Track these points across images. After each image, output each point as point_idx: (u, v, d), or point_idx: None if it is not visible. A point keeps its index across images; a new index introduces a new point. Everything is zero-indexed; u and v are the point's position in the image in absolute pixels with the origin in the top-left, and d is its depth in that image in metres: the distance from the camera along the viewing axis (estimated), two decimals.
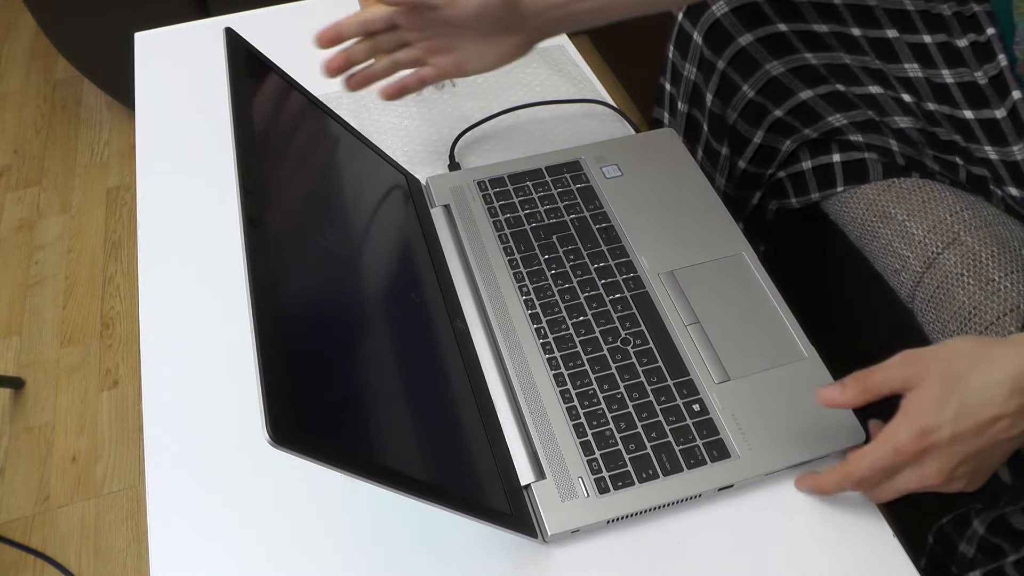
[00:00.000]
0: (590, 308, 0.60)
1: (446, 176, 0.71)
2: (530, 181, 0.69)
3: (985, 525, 0.58)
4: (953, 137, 0.71)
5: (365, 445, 0.43)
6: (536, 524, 0.51)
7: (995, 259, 0.67)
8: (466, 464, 0.50)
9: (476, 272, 0.63)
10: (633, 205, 0.67)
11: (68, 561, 1.23)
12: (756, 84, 0.75)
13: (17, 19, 2.22)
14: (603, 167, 0.70)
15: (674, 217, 0.66)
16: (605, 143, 0.72)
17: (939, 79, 0.69)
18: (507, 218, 0.66)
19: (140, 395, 0.60)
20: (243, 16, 0.94)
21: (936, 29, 0.69)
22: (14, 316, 1.57)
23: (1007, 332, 0.64)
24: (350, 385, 0.45)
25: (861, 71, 0.73)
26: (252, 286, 0.40)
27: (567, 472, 0.52)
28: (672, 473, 0.52)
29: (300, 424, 0.39)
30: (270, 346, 0.39)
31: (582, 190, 0.68)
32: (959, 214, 0.71)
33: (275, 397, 0.37)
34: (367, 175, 0.62)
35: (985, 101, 0.68)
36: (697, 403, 0.55)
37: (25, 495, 1.31)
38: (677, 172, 0.69)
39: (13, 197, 1.80)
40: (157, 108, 0.82)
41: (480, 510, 0.46)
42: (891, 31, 0.71)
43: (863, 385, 0.48)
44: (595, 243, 0.64)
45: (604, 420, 0.54)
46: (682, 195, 0.68)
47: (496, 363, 0.58)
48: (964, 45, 0.68)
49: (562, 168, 0.70)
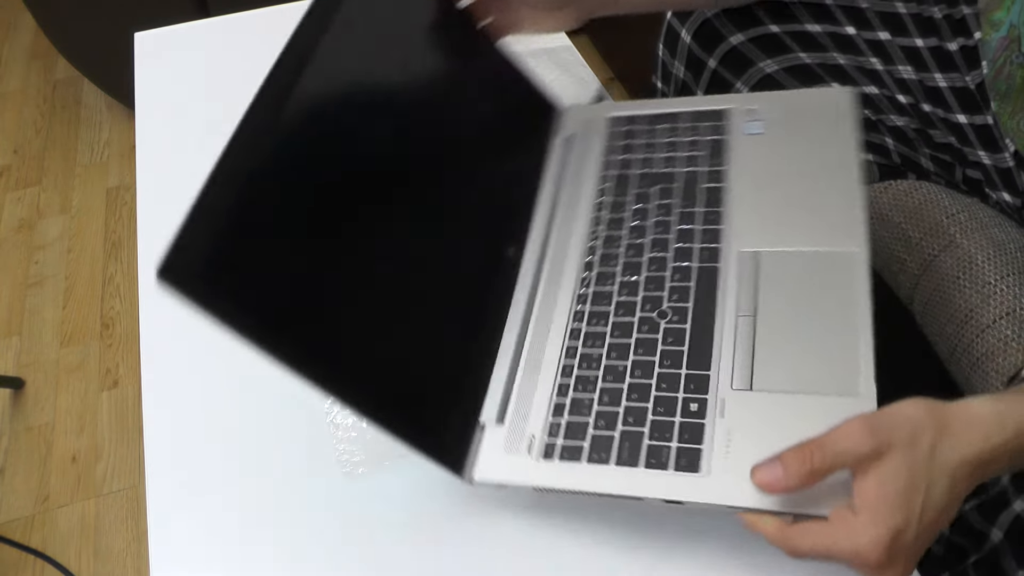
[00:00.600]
0: (648, 269, 0.55)
1: (583, 108, 0.67)
2: (666, 124, 0.63)
3: (950, 526, 0.58)
4: (948, 139, 0.71)
5: (285, 313, 0.42)
6: (467, 465, 0.49)
7: (991, 262, 0.67)
8: (423, 381, 0.48)
9: (559, 208, 0.60)
10: (758, 169, 0.58)
11: (68, 561, 1.23)
12: (749, 81, 0.75)
13: (17, 19, 2.23)
14: (748, 122, 0.61)
15: (797, 192, 0.56)
16: (767, 95, 0.63)
17: (932, 83, 0.69)
18: (620, 159, 0.62)
19: (140, 395, 0.60)
20: (243, 16, 0.94)
21: (928, 33, 0.69)
22: (14, 316, 1.57)
23: (1003, 335, 0.64)
24: (320, 251, 0.45)
25: (856, 71, 0.73)
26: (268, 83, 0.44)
27: (525, 426, 0.49)
28: (624, 465, 0.46)
29: (206, 267, 0.40)
30: (230, 173, 0.40)
31: (713, 143, 0.61)
32: (955, 216, 0.71)
33: (196, 230, 0.39)
34: (504, 87, 0.64)
35: (977, 106, 0.68)
36: (698, 403, 0.47)
37: (25, 495, 1.31)
38: (826, 142, 0.58)
39: (13, 197, 1.80)
40: (157, 108, 0.83)
41: (404, 426, 0.45)
42: (883, 33, 0.71)
43: (810, 466, 0.39)
44: (692, 202, 0.57)
45: (591, 388, 0.50)
46: (820, 170, 0.57)
47: (526, 300, 0.55)
48: (955, 49, 0.68)
49: (705, 116, 0.63)
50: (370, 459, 0.55)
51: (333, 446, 0.55)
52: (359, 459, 0.55)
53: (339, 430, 0.56)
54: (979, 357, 0.64)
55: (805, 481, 0.39)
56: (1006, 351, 0.63)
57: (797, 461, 0.39)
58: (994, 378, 0.63)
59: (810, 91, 0.63)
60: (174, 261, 0.39)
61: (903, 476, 0.38)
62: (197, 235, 0.40)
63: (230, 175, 0.42)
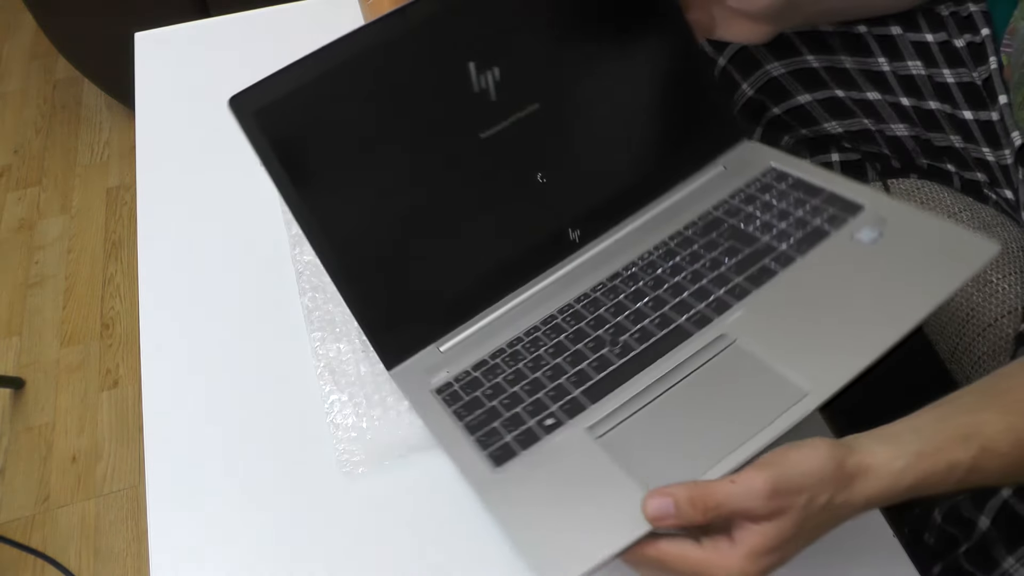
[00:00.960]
0: (644, 303, 0.54)
1: (758, 147, 0.63)
2: (802, 193, 0.57)
3: (942, 514, 0.57)
4: (951, 139, 0.71)
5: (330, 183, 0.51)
6: (393, 358, 0.54)
7: (992, 261, 0.67)
8: (416, 283, 0.55)
9: (648, 222, 0.60)
10: (826, 275, 0.52)
11: (68, 561, 1.23)
12: (756, 83, 0.76)
13: (17, 19, 2.23)
14: (865, 227, 0.53)
15: (833, 319, 0.49)
16: (909, 209, 0.54)
17: (940, 78, 0.70)
18: (735, 205, 0.59)
19: (140, 395, 0.60)
20: (243, 16, 0.94)
21: (937, 28, 0.70)
22: (14, 316, 1.57)
23: (1005, 333, 0.64)
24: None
25: (861, 75, 0.73)
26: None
27: (451, 364, 0.53)
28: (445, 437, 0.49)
29: (267, 112, 0.49)
30: (342, 53, 0.50)
31: (815, 231, 0.54)
32: (956, 216, 0.71)
33: (278, 82, 0.49)
34: (691, 87, 0.63)
35: (983, 102, 0.68)
36: (554, 420, 0.48)
37: (25, 495, 1.31)
38: (915, 286, 0.48)
39: (13, 197, 1.80)
40: (157, 108, 0.83)
41: (371, 303, 0.53)
42: (895, 28, 0.71)
43: (701, 517, 0.38)
44: (737, 272, 0.53)
45: (509, 365, 0.52)
46: (875, 311, 0.48)
47: (545, 280, 0.58)
48: (962, 45, 0.68)
49: (837, 201, 0.56)
50: (370, 459, 0.55)
51: (333, 446, 0.55)
52: (359, 459, 0.55)
53: (339, 430, 0.56)
54: (981, 356, 0.64)
55: (691, 524, 0.39)
56: (1008, 350, 0.63)
57: (690, 507, 0.39)
58: None
59: (958, 228, 0.52)
60: (247, 96, 0.48)
61: (790, 530, 0.38)
62: (277, 85, 0.49)
63: (341, 54, 0.50)
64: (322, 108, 0.50)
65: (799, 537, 0.39)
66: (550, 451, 0.46)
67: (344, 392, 0.58)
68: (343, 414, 0.57)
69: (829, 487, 0.39)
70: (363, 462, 0.54)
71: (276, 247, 0.68)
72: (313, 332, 0.62)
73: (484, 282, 0.56)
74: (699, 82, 0.63)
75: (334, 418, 0.57)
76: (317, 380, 0.59)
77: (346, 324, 0.62)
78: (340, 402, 0.57)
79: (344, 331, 0.61)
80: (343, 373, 0.59)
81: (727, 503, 0.38)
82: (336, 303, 0.63)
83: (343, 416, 0.57)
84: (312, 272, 0.65)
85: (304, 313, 0.63)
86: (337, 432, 0.56)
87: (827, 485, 0.39)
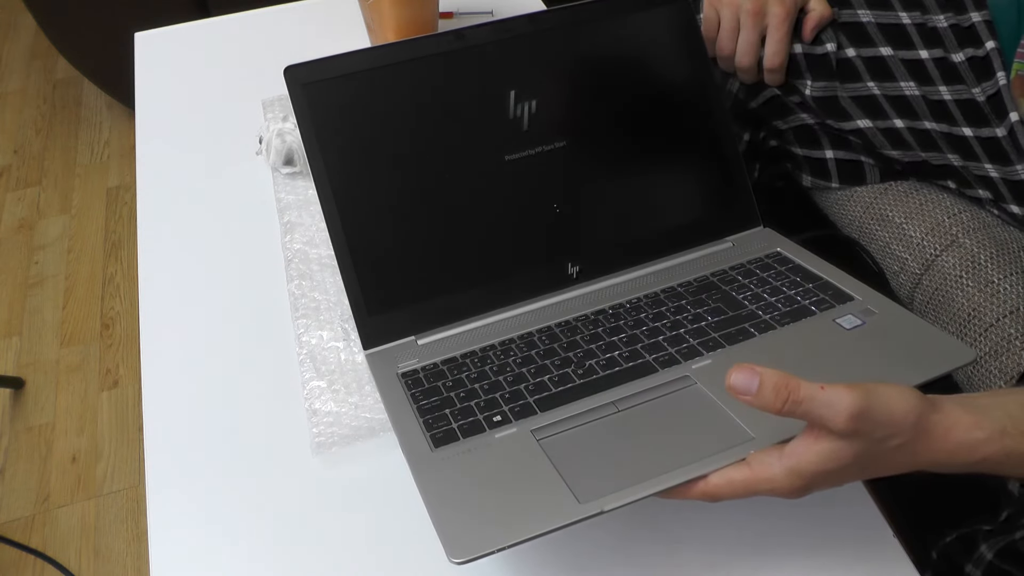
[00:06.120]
0: (618, 339, 0.55)
1: (772, 234, 0.65)
2: (799, 277, 0.59)
3: (994, 551, 0.56)
4: (948, 158, 0.70)
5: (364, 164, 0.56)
6: (372, 340, 0.56)
7: (994, 261, 0.67)
8: (416, 274, 0.57)
9: (647, 276, 0.61)
10: (798, 349, 0.53)
11: (68, 561, 1.23)
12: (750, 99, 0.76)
13: (17, 19, 2.23)
14: (850, 314, 0.55)
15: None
16: (897, 309, 0.55)
17: (936, 96, 0.68)
18: (734, 277, 0.60)
19: (140, 395, 0.60)
20: (243, 16, 0.94)
21: (932, 44, 0.69)
22: (14, 316, 1.57)
23: (1007, 334, 0.64)
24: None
25: (851, 102, 0.71)
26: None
27: (429, 355, 0.55)
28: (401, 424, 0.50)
29: (318, 88, 0.55)
30: (402, 55, 0.58)
31: (799, 310, 0.56)
32: (957, 216, 0.71)
33: (334, 64, 0.56)
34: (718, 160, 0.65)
35: (985, 119, 0.67)
36: (503, 420, 0.49)
37: (25, 495, 1.31)
38: (884, 377, 0.44)
39: (13, 197, 1.80)
40: (157, 108, 0.83)
41: (368, 284, 0.56)
42: (885, 49, 0.70)
43: (780, 406, 0.38)
44: (717, 329, 0.55)
45: (476, 365, 0.54)
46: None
47: (539, 302, 0.59)
48: (960, 60, 0.67)
49: (828, 289, 0.57)
50: (344, 441, 0.55)
51: (309, 430, 0.55)
52: (334, 441, 0.55)
53: (316, 415, 0.56)
54: (982, 356, 0.64)
55: (768, 410, 0.39)
56: (1009, 350, 0.63)
57: (773, 392, 0.38)
58: (997, 377, 0.63)
59: (941, 333, 0.55)
60: (301, 68, 0.54)
61: (849, 457, 0.39)
62: (330, 67, 0.55)
63: (394, 56, 0.57)
64: (366, 97, 0.56)
65: (852, 467, 0.40)
66: (490, 444, 0.48)
67: (323, 379, 0.59)
68: (321, 399, 0.58)
69: (906, 433, 0.39)
70: (337, 443, 0.55)
71: (276, 247, 0.69)
72: (298, 319, 0.63)
73: (476, 293, 0.58)
74: (726, 164, 0.65)
75: (312, 404, 0.57)
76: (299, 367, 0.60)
77: (330, 311, 0.63)
78: (319, 388, 0.59)
79: (327, 319, 0.63)
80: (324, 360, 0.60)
81: (808, 404, 0.38)
82: (322, 291, 0.64)
83: (322, 402, 0.58)
84: (300, 260, 0.66)
85: (290, 300, 0.64)
86: (314, 417, 0.57)
87: (905, 431, 0.39)
